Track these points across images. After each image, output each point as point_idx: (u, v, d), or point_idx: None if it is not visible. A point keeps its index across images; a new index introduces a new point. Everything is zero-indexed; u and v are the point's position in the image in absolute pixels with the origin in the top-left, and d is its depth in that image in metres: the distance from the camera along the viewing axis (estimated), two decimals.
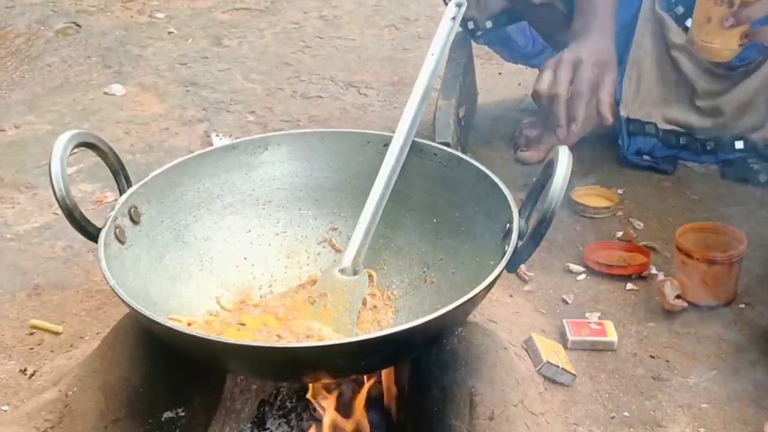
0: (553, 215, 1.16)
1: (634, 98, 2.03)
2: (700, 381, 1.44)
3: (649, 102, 2.03)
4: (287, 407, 1.40)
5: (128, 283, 1.25)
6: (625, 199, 1.95)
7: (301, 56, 2.77)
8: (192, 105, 2.49)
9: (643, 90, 2.02)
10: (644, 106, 2.03)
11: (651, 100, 2.03)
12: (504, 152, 2.17)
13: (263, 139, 1.51)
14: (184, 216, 1.43)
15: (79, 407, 1.28)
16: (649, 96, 2.02)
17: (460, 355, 1.26)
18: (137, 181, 1.38)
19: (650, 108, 2.03)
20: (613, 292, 1.66)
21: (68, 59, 2.78)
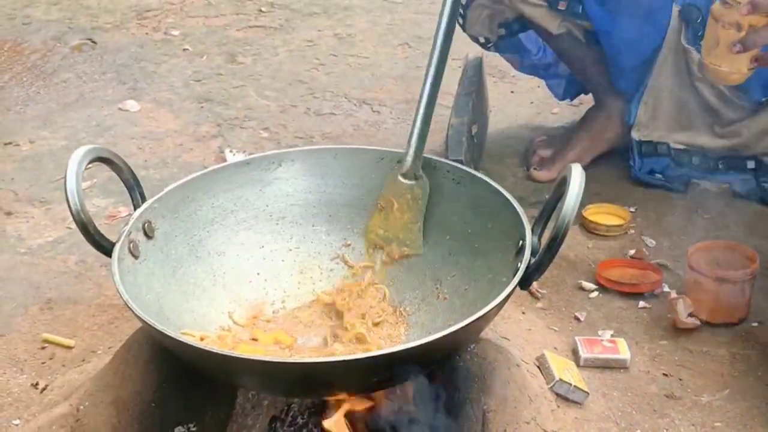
0: (566, 232, 1.16)
1: (648, 123, 2.04)
2: (713, 399, 1.44)
3: (664, 127, 2.03)
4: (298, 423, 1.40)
5: (141, 298, 1.25)
6: (637, 217, 1.95)
7: (315, 74, 2.78)
8: (206, 121, 2.50)
9: (660, 116, 2.03)
10: (658, 130, 2.04)
11: (666, 126, 2.03)
12: (516, 170, 2.17)
13: (277, 156, 1.52)
14: (198, 231, 1.44)
15: (91, 422, 1.29)
16: (665, 122, 2.03)
17: (472, 372, 1.26)
18: (151, 196, 1.39)
19: (664, 131, 2.04)
20: (625, 309, 1.66)
21: (83, 75, 2.80)
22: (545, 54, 2.22)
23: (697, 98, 1.98)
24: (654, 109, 2.03)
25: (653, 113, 2.04)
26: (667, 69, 1.99)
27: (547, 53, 2.22)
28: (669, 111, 2.03)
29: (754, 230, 1.85)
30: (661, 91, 2.01)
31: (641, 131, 2.04)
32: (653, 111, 2.04)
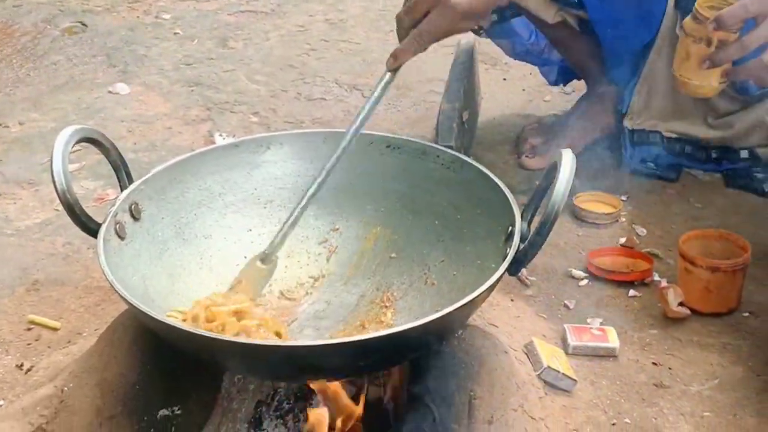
0: (555, 218, 1.15)
1: (641, 112, 2.03)
2: (702, 389, 1.43)
3: (657, 116, 2.02)
4: (284, 408, 1.39)
5: (127, 279, 1.24)
6: (628, 206, 1.94)
7: (306, 59, 2.76)
8: (196, 105, 2.48)
9: (653, 105, 2.02)
10: (651, 119, 2.03)
11: (659, 115, 2.02)
12: (507, 157, 2.16)
13: (266, 139, 1.51)
14: (185, 213, 1.42)
15: (75, 403, 1.27)
16: (657, 111, 2.02)
17: (459, 358, 1.25)
18: (139, 179, 1.38)
19: (656, 120, 2.03)
20: (615, 298, 1.65)
21: (74, 58, 2.77)
22: (537, 39, 2.21)
23: None
24: (647, 98, 2.02)
25: (646, 102, 2.03)
26: (662, 58, 1.98)
27: (539, 39, 2.21)
28: (662, 100, 2.02)
29: (746, 220, 1.84)
30: (655, 81, 2.00)
31: (633, 120, 2.04)
32: (646, 100, 2.03)
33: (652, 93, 2.02)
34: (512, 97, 2.50)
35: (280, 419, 1.37)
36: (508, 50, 2.28)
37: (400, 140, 1.49)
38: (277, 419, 1.37)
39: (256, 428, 1.36)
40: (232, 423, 1.37)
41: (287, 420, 1.37)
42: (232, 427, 1.36)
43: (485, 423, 1.19)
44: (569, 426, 1.33)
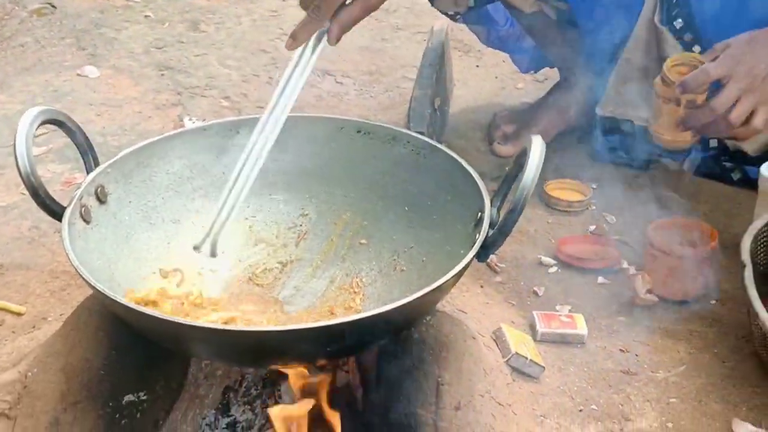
0: (524, 205, 1.15)
1: (614, 100, 2.03)
2: (668, 375, 1.44)
3: (629, 104, 2.03)
4: (252, 394, 1.39)
5: (92, 264, 1.23)
6: (599, 194, 1.95)
7: (278, 44, 2.74)
8: (166, 89, 2.46)
9: (627, 94, 2.02)
10: (623, 106, 2.03)
11: (631, 103, 2.03)
12: (479, 144, 2.16)
13: (235, 123, 1.49)
14: (153, 197, 1.41)
15: (39, 388, 1.26)
16: (631, 99, 2.02)
17: (427, 344, 1.25)
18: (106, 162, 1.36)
19: (628, 108, 2.03)
20: (584, 285, 1.66)
21: (42, 40, 2.73)
22: (512, 26, 2.21)
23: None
24: (621, 86, 2.02)
25: (620, 90, 2.03)
26: (639, 48, 1.98)
27: (514, 25, 2.21)
28: (636, 89, 2.02)
29: (715, 208, 1.86)
30: (631, 69, 2.00)
31: (606, 107, 2.04)
32: (620, 88, 2.03)
33: (626, 81, 2.02)
34: (485, 85, 2.49)
35: (248, 405, 1.37)
36: (483, 37, 2.28)
37: (370, 125, 1.48)
38: (245, 405, 1.37)
39: (224, 414, 1.36)
40: (199, 409, 1.36)
41: (255, 406, 1.36)
42: (199, 413, 1.35)
43: (453, 409, 1.19)
44: (536, 412, 1.34)
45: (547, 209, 1.89)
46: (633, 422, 1.34)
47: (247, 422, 1.35)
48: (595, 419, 1.34)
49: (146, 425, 1.29)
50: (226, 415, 1.36)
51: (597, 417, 1.35)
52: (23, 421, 1.24)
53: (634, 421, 1.34)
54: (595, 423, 1.34)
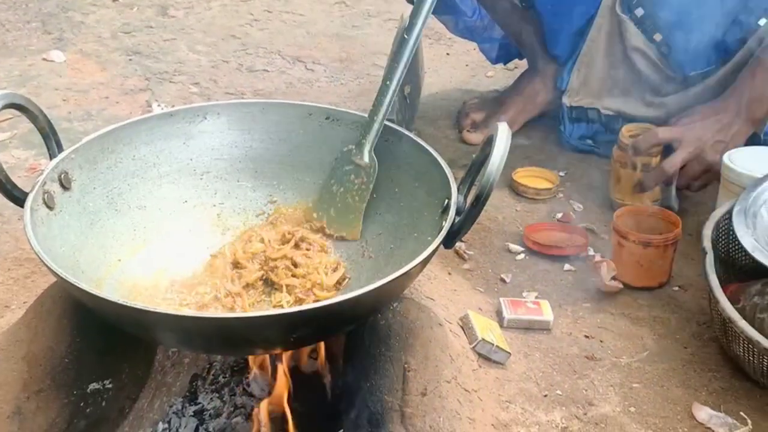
0: (490, 191, 1.15)
1: (579, 89, 2.05)
2: (632, 361, 1.45)
3: (595, 94, 2.04)
4: (220, 382, 1.38)
5: (55, 250, 1.21)
6: (566, 182, 1.96)
7: (249, 29, 2.73)
8: (134, 74, 2.44)
9: (592, 82, 2.04)
10: (589, 96, 2.05)
11: (597, 93, 2.04)
12: (449, 132, 2.17)
13: (202, 108, 1.48)
14: (118, 183, 1.39)
15: (1, 377, 1.24)
16: (596, 88, 2.04)
17: (394, 330, 1.25)
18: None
19: (594, 98, 2.05)
20: (550, 272, 1.67)
21: (6, 23, 2.70)
22: (480, 16, 2.21)
23: (629, 67, 1.99)
24: (586, 75, 2.04)
25: (585, 80, 2.04)
26: (601, 36, 2.00)
27: (482, 16, 2.21)
28: (600, 78, 2.03)
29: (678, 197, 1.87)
30: (594, 59, 2.02)
31: (572, 97, 2.05)
32: (585, 77, 2.04)
33: (590, 70, 2.03)
34: (455, 72, 2.50)
35: (216, 393, 1.37)
36: (451, 26, 2.28)
37: (339, 112, 1.47)
38: (212, 393, 1.37)
39: (192, 402, 1.35)
40: (166, 397, 1.35)
41: (223, 393, 1.36)
42: (166, 401, 1.35)
43: (419, 394, 1.19)
44: (502, 398, 1.34)
45: (516, 197, 1.90)
46: (596, 407, 1.35)
47: (215, 410, 1.35)
48: (559, 404, 1.35)
49: (112, 413, 1.28)
50: (194, 402, 1.36)
51: (561, 402, 1.36)
52: None
53: (597, 406, 1.36)
54: (560, 408, 1.35)
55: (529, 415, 1.32)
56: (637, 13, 1.92)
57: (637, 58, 1.97)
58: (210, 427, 1.33)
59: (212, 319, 1.10)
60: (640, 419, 1.33)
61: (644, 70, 1.97)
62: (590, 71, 2.03)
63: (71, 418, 1.23)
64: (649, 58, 1.95)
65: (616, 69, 2.01)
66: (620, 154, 1.79)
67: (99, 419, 1.26)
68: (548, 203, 1.89)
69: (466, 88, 2.40)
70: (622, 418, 1.33)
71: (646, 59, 1.96)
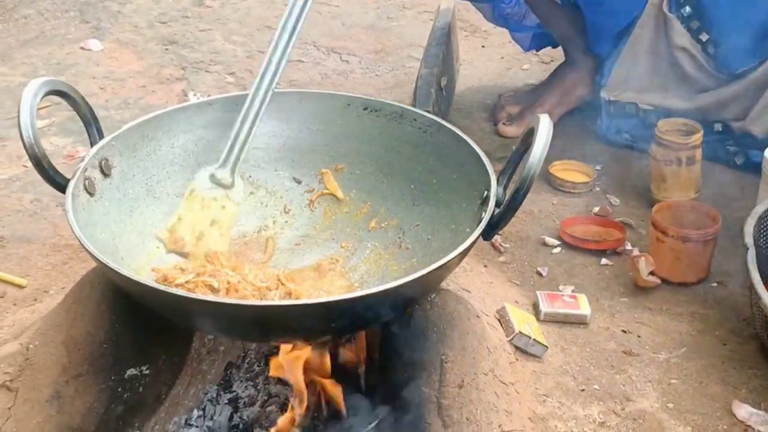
0: (531, 183, 1.14)
1: (619, 85, 2.03)
2: (670, 357, 1.44)
3: (635, 89, 2.03)
4: (255, 370, 1.38)
5: (96, 236, 1.22)
6: (603, 176, 1.95)
7: None
8: (170, 64, 2.45)
9: (633, 79, 2.02)
10: (629, 91, 2.03)
11: (637, 88, 2.03)
12: (484, 124, 2.16)
13: (241, 98, 1.47)
14: (157, 171, 1.40)
15: (41, 361, 1.26)
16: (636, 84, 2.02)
17: (431, 322, 1.24)
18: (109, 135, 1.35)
19: (634, 93, 2.03)
20: (587, 266, 1.65)
21: (45, 12, 2.72)
22: (518, 5, 2.20)
23: (673, 65, 1.97)
24: (628, 71, 2.02)
25: (626, 75, 2.03)
26: (646, 34, 1.98)
27: (520, 5, 2.20)
28: (642, 75, 2.02)
29: (718, 191, 1.85)
30: (637, 55, 2.00)
31: (611, 92, 2.03)
32: (627, 73, 2.03)
33: (632, 66, 2.02)
34: (490, 65, 2.48)
35: (250, 381, 1.37)
36: (488, 14, 2.27)
37: (377, 102, 1.47)
38: (247, 381, 1.37)
39: (226, 390, 1.35)
40: (201, 384, 1.36)
41: (257, 382, 1.36)
42: (201, 389, 1.35)
43: (456, 386, 1.19)
44: (539, 391, 1.34)
45: (552, 190, 1.89)
46: (634, 402, 1.34)
47: (250, 398, 1.35)
48: (596, 399, 1.34)
49: (148, 399, 1.29)
50: (228, 390, 1.36)
51: (599, 397, 1.35)
52: (25, 393, 1.24)
53: (635, 402, 1.34)
54: (597, 403, 1.34)
55: (566, 409, 1.32)
56: (684, 12, 1.91)
57: (681, 57, 1.95)
58: (244, 415, 1.33)
59: (253, 307, 1.11)
60: (678, 416, 1.32)
61: (688, 69, 1.96)
62: (632, 68, 2.01)
63: (109, 402, 1.24)
64: (694, 58, 1.94)
65: (659, 67, 1.99)
66: (662, 151, 1.77)
67: (136, 405, 1.27)
68: (584, 197, 1.88)
69: (501, 80, 2.39)
70: (660, 414, 1.32)
71: (691, 58, 1.94)
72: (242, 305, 1.13)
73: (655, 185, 1.82)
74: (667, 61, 1.98)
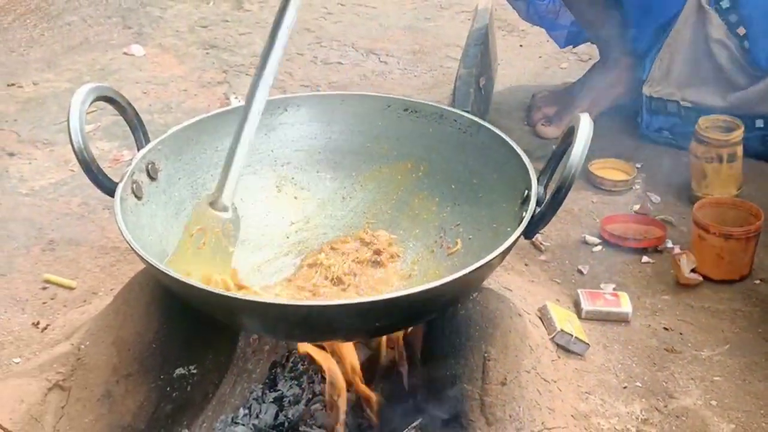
0: (572, 181, 1.15)
1: (661, 80, 2.02)
2: (713, 354, 1.44)
3: (676, 85, 2.02)
4: (299, 369, 1.40)
5: (144, 239, 1.24)
6: (643, 173, 1.94)
7: (323, 22, 2.75)
8: (211, 67, 2.48)
9: (673, 73, 2.02)
10: (669, 86, 2.02)
11: (677, 84, 2.02)
12: (522, 124, 2.16)
13: (283, 100, 1.50)
14: (202, 174, 1.42)
15: (92, 361, 1.29)
16: (677, 79, 2.01)
17: (474, 320, 1.26)
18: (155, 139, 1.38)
19: (674, 89, 2.02)
20: (628, 264, 1.65)
21: (88, 19, 2.77)
22: (553, 3, 2.20)
23: (710, 59, 1.96)
24: (668, 66, 2.02)
25: (667, 70, 2.02)
26: (687, 28, 1.97)
27: (555, 2, 2.20)
28: (683, 69, 2.01)
29: (760, 188, 1.84)
30: (678, 50, 2.00)
31: (653, 87, 2.03)
32: (668, 68, 2.02)
33: (673, 61, 2.01)
34: (528, 64, 2.49)
35: (295, 380, 1.39)
36: (523, 12, 2.27)
37: (417, 103, 1.48)
38: (291, 380, 1.39)
39: (271, 389, 1.38)
40: (246, 383, 1.38)
41: (302, 381, 1.38)
42: (247, 387, 1.38)
43: (498, 384, 1.20)
44: (581, 389, 1.34)
45: (592, 188, 1.89)
46: (677, 400, 1.34)
47: (294, 397, 1.37)
48: (639, 396, 1.35)
49: (196, 398, 1.31)
50: (273, 389, 1.38)
51: (641, 394, 1.35)
52: (77, 392, 1.27)
53: (678, 399, 1.34)
54: (640, 400, 1.34)
55: (609, 407, 1.32)
56: (723, 4, 1.90)
57: (718, 50, 1.94)
58: (289, 414, 1.35)
59: (299, 307, 1.12)
60: (722, 413, 1.32)
61: (724, 62, 1.95)
62: (673, 62, 2.00)
63: (158, 401, 1.27)
64: (730, 51, 1.93)
65: (697, 60, 1.98)
66: (703, 148, 1.77)
67: (184, 404, 1.30)
68: (624, 195, 1.88)
69: (539, 80, 2.39)
70: (704, 411, 1.32)
71: (727, 51, 1.93)
72: (288, 305, 1.15)
73: (695, 182, 1.81)
74: (705, 54, 1.97)
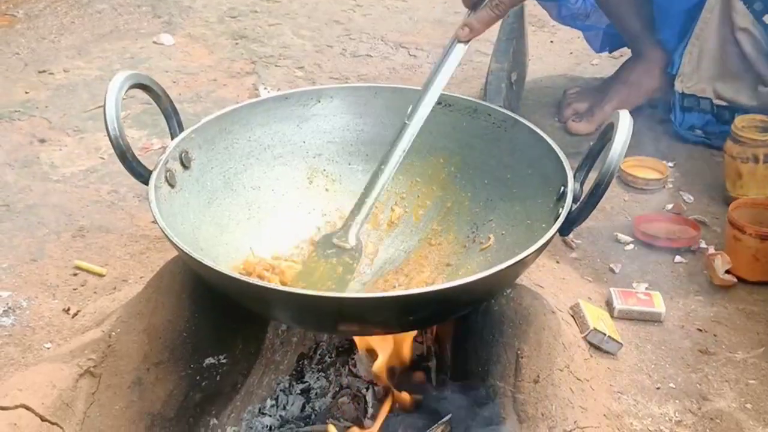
0: (611, 179, 1.14)
1: (692, 74, 2.00)
2: (747, 356, 1.42)
3: (706, 78, 1.99)
4: (326, 362, 1.40)
5: (177, 227, 1.24)
6: (676, 172, 1.92)
7: (352, 15, 2.74)
8: (241, 58, 2.48)
9: (703, 66, 1.99)
10: (701, 81, 2.00)
11: (708, 76, 1.99)
12: (553, 120, 2.15)
13: (316, 91, 1.49)
14: (234, 164, 1.42)
15: (122, 348, 1.28)
16: (707, 72, 1.99)
17: (507, 317, 1.24)
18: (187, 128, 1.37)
19: (706, 84, 2.00)
20: (661, 264, 1.64)
21: (118, 7, 2.78)
22: (584, 4, 2.18)
23: (736, 48, 1.94)
24: (698, 59, 1.99)
25: (697, 62, 1.99)
26: (713, 18, 1.95)
27: (586, 3, 2.18)
28: (712, 60, 1.99)
29: None
30: (706, 41, 1.97)
31: (684, 82, 2.00)
32: (697, 60, 1.99)
33: (702, 54, 1.99)
34: (559, 60, 2.47)
35: (322, 372, 1.38)
36: (554, 13, 2.25)
37: (451, 97, 1.47)
38: (318, 372, 1.39)
39: (298, 380, 1.37)
40: (274, 374, 1.38)
41: (329, 373, 1.38)
42: (274, 379, 1.37)
43: (531, 381, 1.18)
44: (614, 388, 1.33)
45: (624, 187, 1.87)
46: (711, 402, 1.33)
47: (321, 389, 1.37)
48: (672, 397, 1.33)
49: (225, 387, 1.31)
50: (301, 381, 1.38)
51: (674, 395, 1.33)
52: (108, 379, 1.27)
53: (712, 401, 1.33)
54: (673, 401, 1.32)
55: (642, 407, 1.30)
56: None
57: (743, 39, 1.91)
58: (316, 406, 1.35)
59: (330, 299, 1.12)
60: (757, 416, 1.30)
61: (750, 52, 1.92)
62: (702, 53, 1.98)
63: (188, 390, 1.27)
64: (755, 39, 1.90)
65: (724, 50, 1.95)
66: (738, 148, 1.75)
67: (213, 393, 1.30)
68: (657, 194, 1.86)
69: (570, 76, 2.37)
70: (738, 414, 1.30)
71: (753, 40, 1.90)
72: (320, 296, 1.14)
73: (730, 182, 1.79)
74: (731, 44, 1.94)
